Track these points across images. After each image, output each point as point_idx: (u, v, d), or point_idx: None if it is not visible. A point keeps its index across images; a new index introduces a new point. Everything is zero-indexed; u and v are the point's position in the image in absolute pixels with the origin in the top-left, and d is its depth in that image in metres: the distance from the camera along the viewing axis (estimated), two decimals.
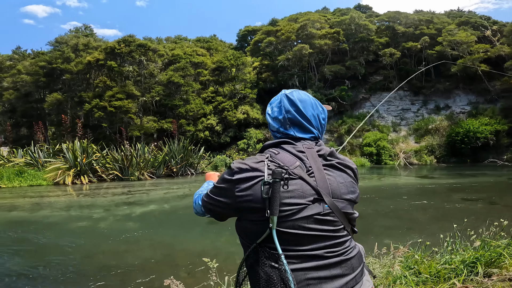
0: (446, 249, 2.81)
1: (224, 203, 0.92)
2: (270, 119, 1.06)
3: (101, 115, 21.23)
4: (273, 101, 1.07)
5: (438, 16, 30.95)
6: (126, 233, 6.19)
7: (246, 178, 0.87)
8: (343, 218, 0.91)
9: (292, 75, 25.96)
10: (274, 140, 0.99)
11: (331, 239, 0.88)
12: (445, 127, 22.70)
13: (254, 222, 0.87)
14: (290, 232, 0.84)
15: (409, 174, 16.36)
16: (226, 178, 0.91)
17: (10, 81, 26.68)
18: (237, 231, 0.96)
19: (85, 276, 4.11)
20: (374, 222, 6.40)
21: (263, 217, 0.83)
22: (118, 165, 15.53)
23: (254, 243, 0.87)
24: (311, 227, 0.85)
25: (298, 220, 0.84)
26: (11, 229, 6.55)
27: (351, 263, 0.90)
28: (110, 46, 23.71)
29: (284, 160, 0.89)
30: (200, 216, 1.12)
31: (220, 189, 0.93)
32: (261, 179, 0.85)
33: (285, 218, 0.84)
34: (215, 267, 2.66)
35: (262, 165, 0.88)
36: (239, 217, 0.92)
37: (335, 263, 0.87)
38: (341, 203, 0.91)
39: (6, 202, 9.77)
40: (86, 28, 34.94)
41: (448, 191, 10.14)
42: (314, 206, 0.86)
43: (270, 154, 0.92)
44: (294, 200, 0.84)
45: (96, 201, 9.86)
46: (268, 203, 0.82)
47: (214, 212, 0.99)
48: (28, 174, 14.08)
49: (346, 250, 0.91)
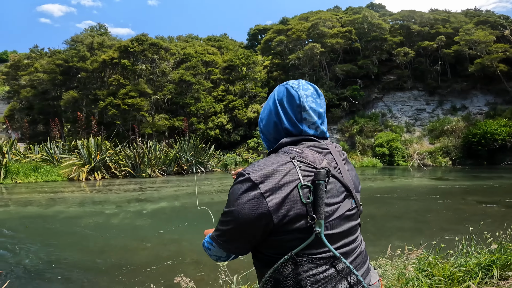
0: (461, 251, 2.72)
1: (256, 228, 0.76)
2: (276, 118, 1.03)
3: (115, 112, 21.66)
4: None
5: (455, 15, 30.08)
6: (137, 229, 6.30)
7: (278, 185, 0.74)
8: (359, 211, 0.92)
9: (303, 74, 25.78)
10: (291, 138, 0.88)
11: (354, 233, 0.88)
12: (462, 128, 22.05)
13: (292, 232, 0.75)
14: (327, 233, 0.77)
15: (423, 175, 15.99)
16: (247, 196, 0.75)
17: (27, 79, 27.42)
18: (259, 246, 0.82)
19: (95, 272, 4.20)
20: (386, 223, 6.28)
21: (304, 224, 0.75)
22: (130, 162, 15.82)
23: (286, 254, 0.75)
24: (343, 224, 0.83)
25: (335, 220, 0.80)
26: (26, 224, 6.77)
27: (362, 257, 0.90)
28: (124, 44, 24.14)
29: (312, 159, 0.81)
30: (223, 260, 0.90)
31: (240, 213, 0.75)
32: (297, 183, 0.75)
33: (325, 220, 0.77)
34: (225, 265, 2.67)
35: (291, 166, 0.77)
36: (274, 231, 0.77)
37: (356, 257, 0.87)
38: (358, 195, 0.93)
39: (22, 197, 10.10)
40: (100, 27, 35.70)
41: (463, 194, 9.85)
42: (345, 203, 0.84)
43: (295, 154, 0.81)
44: (332, 199, 0.80)
45: (108, 197, 10.07)
46: (312, 208, 0.74)
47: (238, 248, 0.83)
48: (44, 170, 14.51)
49: (360, 242, 0.92)
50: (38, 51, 32.85)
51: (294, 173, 0.76)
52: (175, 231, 6.22)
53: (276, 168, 0.76)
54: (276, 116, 0.92)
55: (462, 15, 30.45)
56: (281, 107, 0.91)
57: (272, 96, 0.96)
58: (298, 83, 0.92)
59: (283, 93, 0.92)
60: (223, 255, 0.88)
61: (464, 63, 24.23)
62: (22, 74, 28.25)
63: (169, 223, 6.97)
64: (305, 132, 0.89)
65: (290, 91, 0.90)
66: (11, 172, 13.72)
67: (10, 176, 13.62)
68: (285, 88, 0.93)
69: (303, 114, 0.88)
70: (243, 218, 0.76)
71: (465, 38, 23.32)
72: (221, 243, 0.84)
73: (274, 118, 0.92)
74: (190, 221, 7.12)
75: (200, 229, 5.20)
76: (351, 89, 25.42)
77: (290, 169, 0.77)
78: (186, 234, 5.99)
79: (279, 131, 0.92)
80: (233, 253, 0.86)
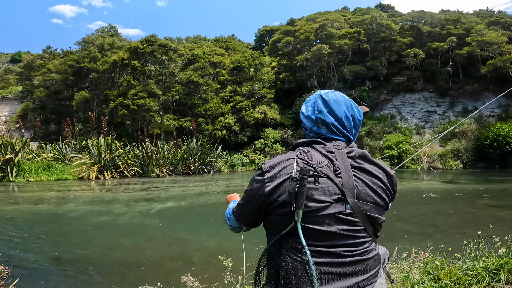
0: (468, 255, 2.69)
1: (256, 203, 0.95)
2: (303, 118, 1.10)
3: (125, 113, 22.00)
4: (308, 100, 1.11)
5: (466, 16, 29.53)
6: (144, 228, 6.39)
7: (276, 175, 0.91)
8: (365, 220, 0.92)
9: (311, 75, 25.68)
10: (305, 139, 1.03)
11: (350, 239, 0.90)
12: (473, 131, 21.59)
13: (281, 216, 0.90)
14: (312, 227, 0.87)
15: (433, 178, 15.72)
16: (257, 179, 0.95)
17: (40, 79, 28.03)
18: (264, 224, 1.01)
19: (103, 270, 4.28)
20: (393, 226, 6.21)
21: (290, 211, 0.87)
22: (139, 161, 16.04)
23: (278, 235, 0.91)
24: (332, 224, 0.88)
25: (321, 217, 0.87)
26: (37, 222, 6.94)
27: (366, 264, 0.91)
28: (134, 46, 24.51)
29: (313, 158, 0.93)
30: (237, 231, 1.15)
31: (251, 190, 0.96)
32: (290, 175, 0.89)
33: (310, 213, 0.87)
34: (230, 266, 2.70)
35: (292, 162, 0.92)
36: (269, 212, 0.95)
37: (350, 262, 0.89)
38: (365, 205, 0.92)
39: (34, 195, 10.36)
40: (111, 28, 36.25)
41: (474, 197, 9.65)
42: (337, 205, 0.89)
43: (300, 152, 0.96)
44: (320, 197, 0.88)
45: (117, 196, 10.23)
46: (295, 198, 0.86)
47: (247, 217, 1.02)
48: (55, 169, 14.85)
49: (364, 250, 0.92)
50: (51, 52, 33.55)
51: (291, 167, 0.91)
52: (182, 231, 6.29)
53: (281, 162, 0.93)
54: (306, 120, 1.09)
55: (473, 16, 29.90)
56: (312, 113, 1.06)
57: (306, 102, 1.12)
58: (330, 91, 1.09)
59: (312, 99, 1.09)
60: (236, 226, 1.12)
61: (476, 64, 23.75)
62: (36, 74, 28.92)
63: (176, 223, 7.05)
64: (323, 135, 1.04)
65: (324, 97, 1.06)
66: (23, 171, 14.09)
67: (22, 174, 13.99)
68: (315, 95, 1.10)
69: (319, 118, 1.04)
70: (250, 196, 0.97)
71: (477, 39, 22.88)
72: (236, 214, 1.08)
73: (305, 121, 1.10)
74: (196, 221, 7.19)
75: (207, 229, 5.23)
76: (360, 90, 25.19)
77: (290, 164, 0.92)
78: (192, 234, 6.05)
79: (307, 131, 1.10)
80: (242, 223, 1.07)
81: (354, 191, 0.91)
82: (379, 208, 0.97)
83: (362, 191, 0.93)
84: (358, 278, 0.89)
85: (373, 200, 0.94)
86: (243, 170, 20.33)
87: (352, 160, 0.96)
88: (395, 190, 1.02)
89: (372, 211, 0.94)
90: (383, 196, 0.97)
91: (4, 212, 7.74)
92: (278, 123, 24.01)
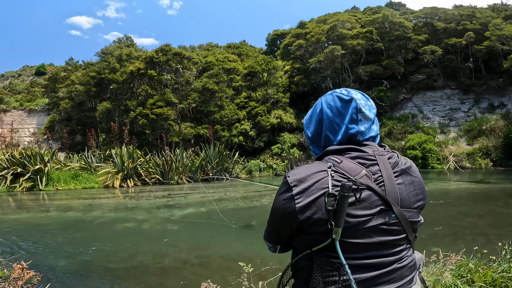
0: (504, 257, 2.53)
1: (285, 223, 0.86)
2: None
3: (144, 122, 22.68)
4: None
5: (481, 10, 28.37)
6: (165, 234, 6.50)
7: (307, 190, 0.82)
8: (408, 227, 0.88)
9: (325, 77, 25.42)
10: (338, 146, 0.91)
11: (390, 248, 0.86)
12: (501, 127, 20.48)
13: (315, 234, 0.83)
14: (350, 241, 0.81)
15: (461, 178, 15.00)
16: (283, 195, 0.85)
17: (65, 91, 29.21)
18: (295, 240, 0.91)
19: (124, 275, 4.38)
20: (421, 229, 5.95)
21: (327, 228, 0.80)
22: (159, 169, 16.43)
23: (308, 250, 0.85)
24: (373, 236, 0.83)
25: (362, 230, 0.82)
26: (66, 229, 7.23)
27: (401, 272, 0.87)
28: (149, 55, 25.20)
29: (349, 169, 0.84)
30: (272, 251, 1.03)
31: (277, 209, 0.87)
32: (325, 191, 0.80)
33: (349, 228, 0.80)
34: (250, 271, 2.68)
35: (325, 174, 0.82)
36: (300, 229, 0.86)
37: (386, 272, 0.85)
38: (408, 212, 0.88)
39: (63, 203, 10.83)
40: (127, 38, 37.50)
41: (507, 197, 9.10)
42: (380, 216, 0.83)
43: (333, 163, 0.85)
44: (361, 212, 0.81)
45: (140, 204, 10.51)
46: (333, 215, 0.79)
47: (278, 237, 0.93)
48: (82, 178, 15.48)
49: (401, 258, 0.88)
50: (73, 64, 34.96)
51: (325, 182, 0.81)
52: (202, 237, 6.34)
53: (311, 175, 0.83)
54: (326, 124, 0.96)
55: (488, 10, 28.70)
56: (332, 114, 0.94)
57: (319, 104, 1.00)
58: (345, 90, 0.96)
59: (333, 100, 0.96)
60: (269, 246, 1.01)
61: (498, 59, 22.67)
62: (60, 86, 30.18)
63: (196, 229, 7.13)
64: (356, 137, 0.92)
65: (342, 96, 0.94)
66: (52, 180, 14.79)
67: (51, 183, 14.68)
68: (334, 95, 0.97)
69: (359, 116, 0.92)
70: (277, 214, 0.88)
71: (496, 33, 21.89)
72: (266, 234, 0.99)
73: (323, 126, 0.97)
74: (216, 227, 7.23)
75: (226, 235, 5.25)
76: (377, 90, 24.63)
77: (323, 177, 0.82)
78: (212, 240, 6.09)
79: (328, 138, 0.96)
80: (274, 243, 0.97)
81: (398, 199, 0.85)
82: (419, 211, 0.93)
83: (406, 198, 0.88)
84: (392, 285, 0.85)
85: (417, 205, 0.90)
86: (260, 175, 20.30)
87: (393, 166, 0.89)
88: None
89: (415, 216, 0.90)
90: (424, 196, 0.94)
91: (35, 219, 8.14)
92: (294, 127, 23.85)
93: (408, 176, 0.90)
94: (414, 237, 0.94)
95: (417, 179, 0.93)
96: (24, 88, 47.97)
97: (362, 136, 0.93)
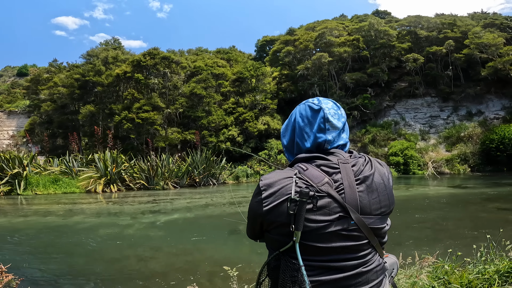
0: (479, 259, 2.65)
1: (256, 222, 0.96)
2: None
3: (130, 126, 22.24)
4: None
5: (461, 18, 29.71)
6: (150, 240, 6.39)
7: (273, 195, 0.89)
8: (369, 233, 0.91)
9: (312, 84, 25.85)
10: (306, 154, 0.96)
11: (353, 253, 0.89)
12: (479, 134, 21.42)
13: (280, 235, 0.90)
14: (312, 244, 0.87)
15: (440, 183, 15.52)
16: (255, 198, 0.94)
17: (47, 93, 28.16)
18: (264, 238, 1.00)
19: (108, 281, 4.28)
20: (402, 233, 6.13)
21: (289, 231, 0.86)
22: (144, 174, 16.12)
23: (277, 250, 0.92)
24: (334, 241, 0.87)
25: (323, 235, 0.87)
26: (45, 234, 6.98)
27: (367, 276, 0.91)
28: (137, 58, 24.83)
29: (312, 177, 0.89)
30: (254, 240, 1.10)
31: (251, 209, 0.96)
32: (288, 197, 0.86)
33: (310, 232, 0.86)
34: (235, 275, 2.70)
35: (290, 181, 0.88)
36: (268, 230, 0.94)
37: (351, 276, 0.88)
38: (369, 219, 0.91)
39: (42, 208, 10.44)
40: (115, 41, 36.83)
41: (483, 201, 9.50)
42: (340, 223, 0.87)
43: (299, 170, 0.91)
44: (320, 217, 0.86)
45: (123, 209, 10.26)
46: (293, 219, 0.84)
47: (253, 232, 1.02)
48: (63, 182, 14.97)
49: (365, 262, 0.91)
50: (57, 65, 33.93)
51: (289, 188, 0.88)
52: (188, 242, 6.27)
53: (278, 181, 0.90)
54: (297, 132, 1.02)
55: (468, 18, 30.05)
56: (303, 123, 1.01)
57: (294, 113, 1.06)
58: (317, 99, 1.03)
59: (305, 109, 1.02)
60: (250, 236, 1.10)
61: (476, 67, 23.76)
62: (42, 88, 29.10)
63: (182, 234, 7.04)
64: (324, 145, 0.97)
65: (312, 106, 1.00)
66: (31, 184, 14.23)
67: (30, 187, 14.13)
68: (306, 105, 1.03)
69: (327, 125, 0.97)
70: (250, 214, 0.98)
71: (475, 41, 22.94)
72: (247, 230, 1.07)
73: (295, 134, 1.03)
74: (202, 232, 7.16)
75: (212, 240, 5.24)
76: (362, 98, 25.25)
77: (288, 184, 0.89)
78: (198, 245, 6.03)
79: (299, 146, 1.02)
80: (254, 238, 1.06)
81: (358, 206, 0.88)
82: (383, 217, 0.94)
83: (367, 205, 0.90)
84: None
85: (379, 211, 0.92)
86: (248, 181, 20.29)
87: (356, 173, 0.92)
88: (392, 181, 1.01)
89: (377, 222, 0.92)
90: (388, 202, 0.95)
91: (13, 224, 7.81)
92: None
93: (371, 183, 0.92)
94: (382, 242, 0.98)
95: (381, 186, 0.94)
96: (4, 89, 46.07)
97: (330, 144, 0.98)
